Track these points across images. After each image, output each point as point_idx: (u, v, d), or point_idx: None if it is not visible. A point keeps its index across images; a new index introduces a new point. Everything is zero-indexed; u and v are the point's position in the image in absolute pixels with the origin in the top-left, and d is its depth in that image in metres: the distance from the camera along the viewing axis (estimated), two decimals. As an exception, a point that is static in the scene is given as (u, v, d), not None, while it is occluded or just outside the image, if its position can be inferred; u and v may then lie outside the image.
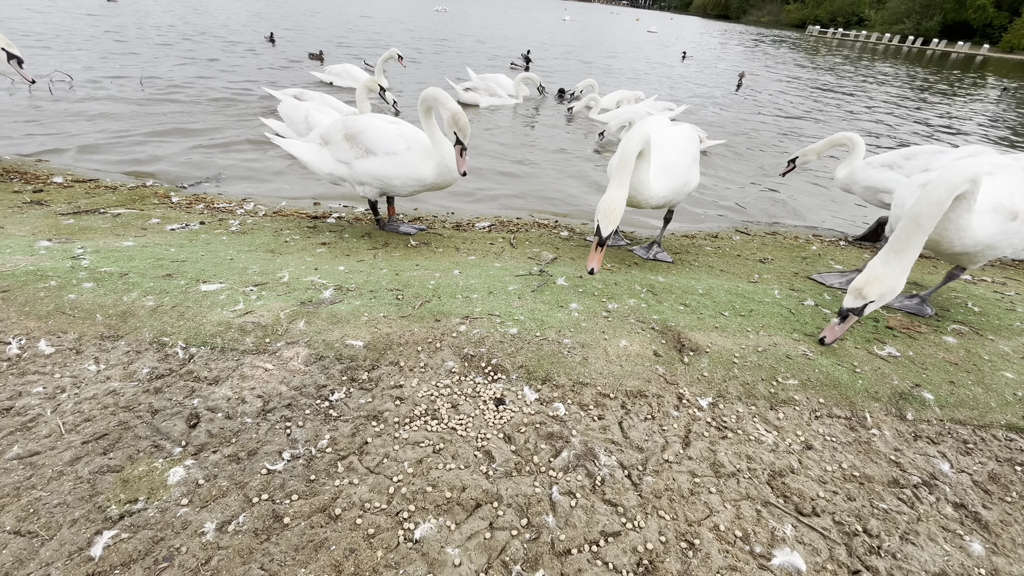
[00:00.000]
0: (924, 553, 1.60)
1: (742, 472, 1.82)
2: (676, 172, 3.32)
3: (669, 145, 3.38)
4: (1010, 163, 2.76)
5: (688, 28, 58.22)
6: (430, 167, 3.39)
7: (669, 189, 3.29)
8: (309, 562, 1.37)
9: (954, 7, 64.74)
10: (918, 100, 17.02)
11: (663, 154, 3.30)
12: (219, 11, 20.87)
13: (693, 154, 3.50)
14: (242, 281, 2.73)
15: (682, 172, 3.35)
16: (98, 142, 5.91)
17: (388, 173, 3.46)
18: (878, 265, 2.18)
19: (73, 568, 1.31)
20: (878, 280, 2.15)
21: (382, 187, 3.58)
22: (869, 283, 2.16)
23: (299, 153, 3.82)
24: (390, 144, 3.43)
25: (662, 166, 3.25)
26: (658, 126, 3.48)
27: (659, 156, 3.25)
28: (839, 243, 5.00)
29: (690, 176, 3.45)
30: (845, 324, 2.22)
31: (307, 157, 3.80)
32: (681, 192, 3.42)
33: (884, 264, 2.18)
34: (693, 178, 3.51)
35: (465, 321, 2.47)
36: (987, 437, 2.15)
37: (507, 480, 1.67)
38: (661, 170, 3.24)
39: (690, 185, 3.48)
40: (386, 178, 3.49)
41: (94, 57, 10.02)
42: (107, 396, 1.88)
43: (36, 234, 3.34)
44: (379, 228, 4.04)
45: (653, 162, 3.16)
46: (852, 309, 2.19)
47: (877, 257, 2.22)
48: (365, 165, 3.51)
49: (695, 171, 3.55)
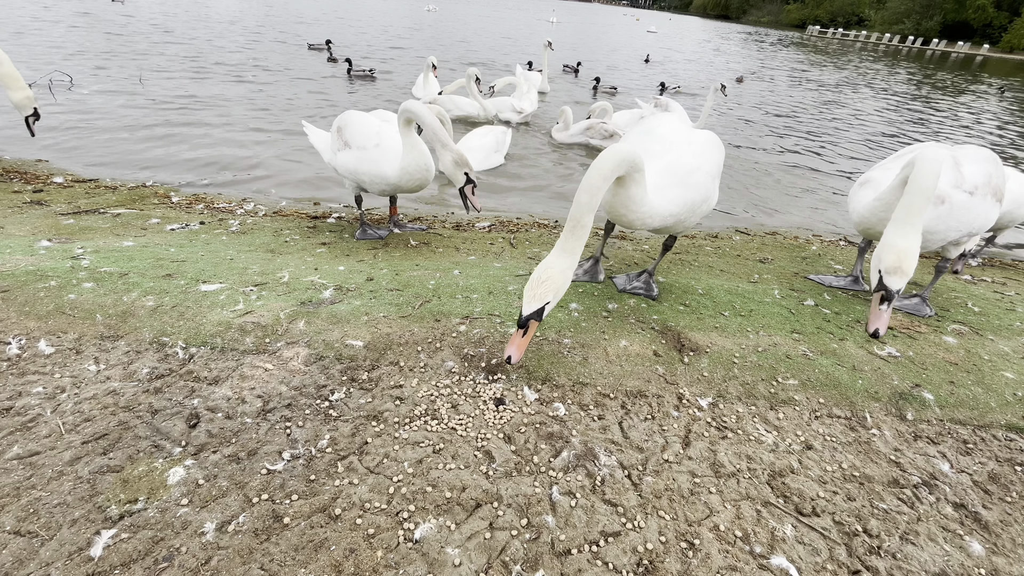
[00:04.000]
0: (924, 553, 1.60)
1: (742, 472, 1.82)
2: (694, 180, 2.51)
3: (685, 145, 2.59)
4: (940, 154, 2.85)
5: (688, 28, 58.23)
6: (394, 168, 3.35)
7: (681, 204, 2.48)
8: (309, 562, 1.37)
9: (954, 7, 64.75)
10: (920, 99, 17.03)
11: (676, 156, 2.54)
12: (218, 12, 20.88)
13: (717, 164, 2.68)
14: (242, 281, 2.73)
15: (702, 182, 2.55)
16: (98, 142, 5.91)
17: (358, 168, 3.46)
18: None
19: (73, 568, 1.31)
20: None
21: (355, 181, 3.59)
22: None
23: (314, 140, 4.06)
24: (364, 139, 3.43)
25: (674, 171, 2.49)
26: (670, 122, 2.75)
27: (669, 158, 2.54)
28: (839, 243, 5.00)
29: (711, 190, 2.65)
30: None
31: (319, 145, 4.00)
32: (698, 210, 2.61)
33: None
34: (714, 194, 2.71)
35: (465, 321, 2.47)
36: (987, 437, 2.15)
37: (507, 480, 1.67)
38: (673, 177, 2.48)
39: (710, 202, 2.69)
40: (356, 172, 3.49)
41: (94, 57, 10.02)
42: (107, 396, 1.88)
43: (36, 234, 3.34)
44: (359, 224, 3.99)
45: (662, 163, 2.51)
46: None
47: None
48: (342, 158, 3.54)
49: (716, 187, 2.73)
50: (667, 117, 2.84)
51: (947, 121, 13.69)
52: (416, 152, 3.29)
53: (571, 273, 2.06)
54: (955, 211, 2.80)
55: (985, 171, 2.85)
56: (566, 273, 2.03)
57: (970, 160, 2.88)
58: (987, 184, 2.83)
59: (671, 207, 2.45)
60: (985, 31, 63.26)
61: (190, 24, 16.31)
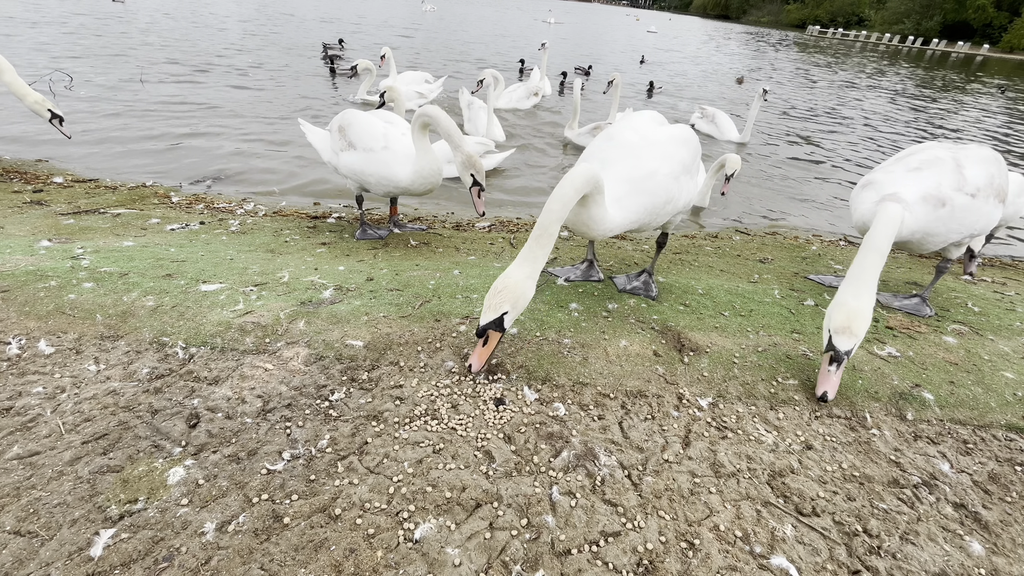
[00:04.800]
0: (924, 553, 1.60)
1: (742, 472, 1.82)
2: (653, 185, 2.45)
3: (646, 147, 2.52)
4: (942, 156, 2.88)
5: (688, 28, 58.22)
6: (407, 172, 3.37)
7: (641, 210, 2.44)
8: (309, 562, 1.37)
9: (954, 7, 64.74)
10: (921, 98, 17.02)
11: (633, 162, 2.47)
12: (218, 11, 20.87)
13: (683, 161, 2.58)
14: (242, 281, 2.73)
15: (663, 184, 2.47)
16: (98, 142, 5.91)
17: (363, 170, 3.46)
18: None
19: (73, 568, 1.31)
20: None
21: (359, 182, 3.59)
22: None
23: (312, 138, 4.06)
24: (370, 141, 3.43)
25: (631, 178, 2.43)
26: (635, 123, 2.66)
27: (629, 164, 2.46)
28: (839, 243, 5.00)
29: (677, 190, 2.57)
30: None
31: (317, 144, 4.00)
32: (662, 211, 2.54)
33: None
34: (683, 193, 2.64)
35: (465, 321, 2.47)
36: (987, 437, 2.15)
37: (507, 480, 1.67)
38: (629, 184, 2.42)
39: (677, 202, 2.61)
40: (361, 174, 3.49)
41: (94, 57, 10.02)
42: (107, 396, 1.88)
43: (36, 234, 3.34)
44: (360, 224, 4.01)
45: (620, 171, 2.44)
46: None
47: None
48: (346, 158, 3.53)
49: (687, 184, 2.67)
50: (637, 118, 2.76)
51: (949, 120, 13.69)
52: (430, 156, 3.33)
53: (533, 282, 2.05)
54: (956, 213, 2.79)
55: (987, 172, 2.84)
56: (526, 283, 2.02)
57: (972, 162, 2.86)
58: (989, 186, 2.82)
59: (630, 215, 2.42)
60: (985, 31, 63.25)
61: (190, 24, 16.31)
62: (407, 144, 3.43)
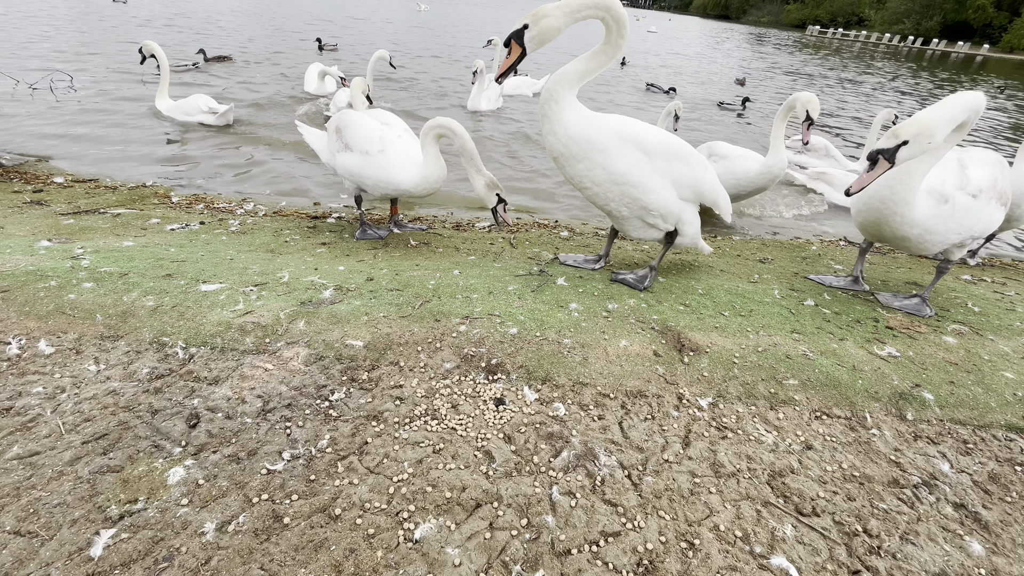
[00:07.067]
0: (924, 553, 1.60)
1: (742, 472, 1.82)
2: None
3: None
4: (946, 155, 2.89)
5: (688, 28, 58.23)
6: (409, 176, 3.39)
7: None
8: (309, 562, 1.37)
9: (954, 7, 64.71)
10: (921, 98, 17.03)
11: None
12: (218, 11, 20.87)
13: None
14: (242, 281, 2.73)
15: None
16: (98, 142, 5.91)
17: (361, 172, 3.47)
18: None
19: (73, 568, 1.31)
20: None
21: (357, 184, 3.60)
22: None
23: (310, 139, 4.06)
24: (366, 144, 3.44)
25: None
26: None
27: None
28: (839, 243, 5.00)
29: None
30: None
31: (315, 144, 4.00)
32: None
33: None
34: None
35: (465, 321, 2.47)
36: (987, 437, 2.15)
37: (507, 480, 1.67)
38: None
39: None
40: (358, 176, 3.50)
41: (95, 57, 10.02)
42: (107, 396, 1.88)
43: (36, 234, 3.34)
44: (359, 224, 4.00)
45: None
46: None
47: None
48: (343, 159, 3.54)
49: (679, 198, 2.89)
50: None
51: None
52: (439, 164, 3.38)
53: (566, 25, 2.39)
54: (957, 212, 2.79)
55: (991, 175, 2.84)
56: (559, 20, 2.37)
57: (976, 163, 2.86)
58: (992, 188, 2.82)
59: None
60: (985, 31, 63.22)
61: (191, 24, 16.31)
62: (404, 146, 3.44)
